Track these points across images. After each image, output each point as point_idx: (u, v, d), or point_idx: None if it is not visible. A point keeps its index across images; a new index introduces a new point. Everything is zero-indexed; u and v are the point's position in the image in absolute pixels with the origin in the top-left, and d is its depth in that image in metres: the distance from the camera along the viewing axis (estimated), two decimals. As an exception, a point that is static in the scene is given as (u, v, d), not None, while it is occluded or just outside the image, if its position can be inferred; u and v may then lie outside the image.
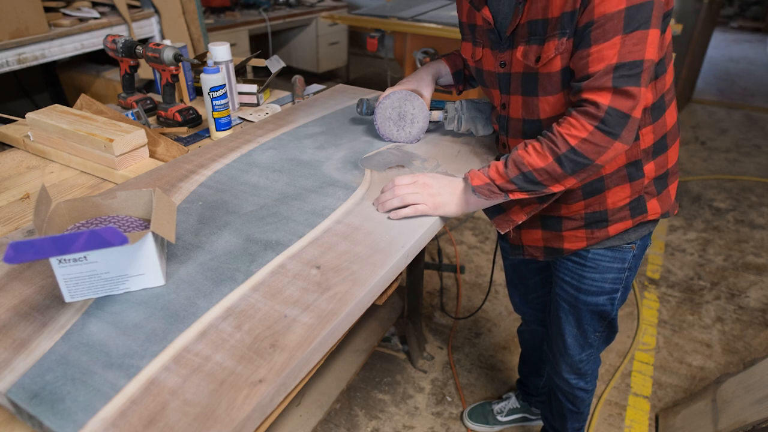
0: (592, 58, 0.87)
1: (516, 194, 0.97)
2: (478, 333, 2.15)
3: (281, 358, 0.68)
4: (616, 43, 0.85)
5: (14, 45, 2.11)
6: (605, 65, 0.85)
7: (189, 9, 2.79)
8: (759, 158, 3.73)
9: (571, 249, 1.12)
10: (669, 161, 1.05)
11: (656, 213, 1.07)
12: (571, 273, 1.16)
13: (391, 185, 1.02)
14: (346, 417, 1.79)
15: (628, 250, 1.11)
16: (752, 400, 1.51)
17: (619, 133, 0.87)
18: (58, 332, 0.72)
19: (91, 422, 0.60)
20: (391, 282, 0.91)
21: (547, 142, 0.92)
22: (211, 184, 1.10)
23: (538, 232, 1.15)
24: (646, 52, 0.85)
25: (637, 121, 0.88)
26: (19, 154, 1.30)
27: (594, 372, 1.36)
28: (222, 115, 1.35)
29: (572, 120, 0.89)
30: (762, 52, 6.68)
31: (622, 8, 0.83)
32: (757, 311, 2.28)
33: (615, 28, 0.84)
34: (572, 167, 0.91)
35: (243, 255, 0.88)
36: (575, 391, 1.37)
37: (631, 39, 0.84)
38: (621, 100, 0.86)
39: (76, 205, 0.86)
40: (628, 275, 1.15)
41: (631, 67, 0.85)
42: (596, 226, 1.08)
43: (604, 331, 1.25)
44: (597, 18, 0.85)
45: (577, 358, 1.29)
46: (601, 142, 0.88)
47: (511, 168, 0.95)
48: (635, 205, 1.06)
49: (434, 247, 2.64)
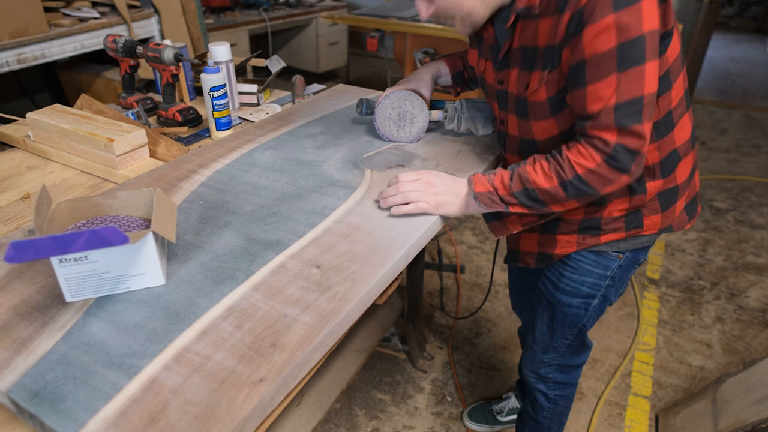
0: (589, 98, 0.85)
1: (516, 208, 0.97)
2: (478, 333, 2.15)
3: (281, 357, 0.69)
4: (611, 83, 0.83)
5: (14, 45, 2.11)
6: (604, 105, 0.84)
7: (189, 9, 2.79)
8: (759, 158, 3.73)
9: (561, 254, 1.11)
10: (679, 177, 1.02)
11: (654, 228, 1.05)
12: (553, 269, 1.16)
13: (395, 181, 1.02)
14: (346, 417, 1.79)
15: (615, 258, 1.08)
16: (752, 400, 1.52)
17: (628, 168, 0.86)
18: (59, 332, 0.72)
19: (91, 421, 0.60)
20: (391, 282, 0.91)
21: (555, 164, 0.91)
22: (212, 184, 1.10)
23: (535, 236, 1.14)
24: (645, 88, 0.82)
25: (644, 156, 0.87)
26: (20, 154, 1.30)
27: (558, 382, 1.32)
28: (222, 115, 1.35)
29: (581, 148, 0.88)
30: (762, 52, 6.68)
31: (613, 46, 0.81)
32: (757, 311, 2.28)
33: (609, 67, 0.83)
34: (575, 193, 0.91)
35: (243, 254, 0.88)
36: (535, 393, 1.35)
37: (626, 77, 0.82)
38: (628, 138, 0.84)
39: (77, 204, 0.86)
40: (609, 285, 1.12)
41: (631, 104, 0.83)
42: (589, 232, 1.06)
43: (574, 340, 1.22)
44: (589, 57, 0.84)
45: (538, 356, 1.28)
46: (609, 174, 0.87)
47: (516, 182, 0.95)
48: (631, 218, 1.04)
49: (434, 247, 2.64)
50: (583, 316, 1.16)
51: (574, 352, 1.25)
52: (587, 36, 0.83)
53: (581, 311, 1.16)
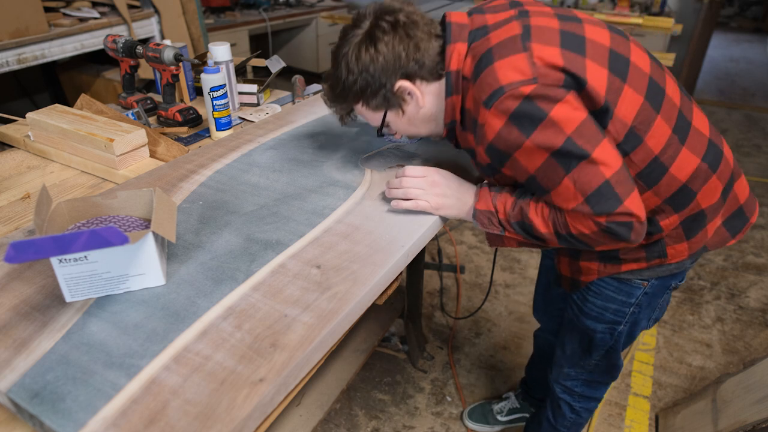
0: (557, 200, 0.86)
1: (512, 234, 0.98)
2: (478, 333, 2.15)
3: (281, 357, 0.69)
4: (568, 185, 0.83)
5: (14, 45, 2.11)
6: (575, 203, 0.84)
7: (189, 9, 2.79)
8: (759, 158, 3.74)
9: (585, 281, 1.10)
10: (703, 202, 0.95)
11: (681, 255, 1.00)
12: (579, 293, 1.14)
13: (402, 174, 1.02)
14: (346, 417, 1.79)
15: (639, 286, 1.05)
16: (752, 400, 1.52)
17: (626, 237, 0.85)
18: (59, 332, 0.72)
19: (91, 421, 0.60)
20: (391, 282, 0.91)
21: (553, 215, 0.90)
22: (212, 184, 1.10)
23: (566, 259, 1.12)
24: (605, 172, 0.81)
25: (644, 223, 0.84)
26: (20, 154, 1.30)
27: (585, 396, 1.31)
28: (222, 115, 1.35)
29: (578, 215, 0.86)
30: (762, 52, 6.68)
31: (547, 156, 0.82)
32: (757, 311, 2.28)
33: (557, 174, 0.83)
34: (571, 245, 0.92)
35: (243, 254, 0.88)
36: (559, 402, 1.35)
37: (578, 174, 0.81)
38: (617, 217, 0.83)
39: (77, 204, 0.86)
40: (635, 312, 1.09)
41: (599, 193, 0.81)
42: (609, 261, 1.04)
43: (601, 360, 1.20)
44: (534, 172, 0.85)
45: (565, 371, 1.28)
46: (605, 240, 0.87)
47: (516, 213, 0.94)
48: (652, 248, 0.99)
49: (434, 247, 2.64)
50: (608, 340, 1.14)
51: (603, 371, 1.24)
52: (520, 159, 0.85)
53: (606, 336, 1.14)
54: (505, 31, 0.85)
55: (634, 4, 3.79)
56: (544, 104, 0.80)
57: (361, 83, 0.92)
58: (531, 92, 0.79)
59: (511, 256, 2.60)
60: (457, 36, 0.90)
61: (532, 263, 2.54)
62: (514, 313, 2.24)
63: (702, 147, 0.92)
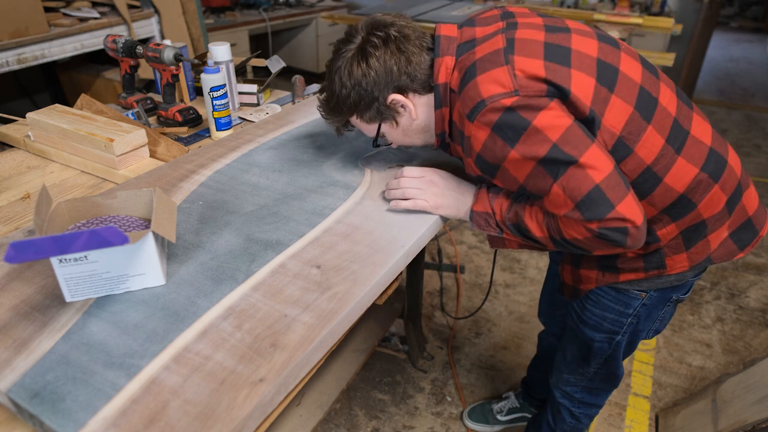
0: (549, 206, 0.86)
1: (509, 236, 0.97)
2: (478, 333, 2.15)
3: (281, 357, 0.69)
4: (557, 191, 0.82)
5: (14, 45, 2.11)
6: (565, 209, 0.83)
7: (189, 9, 2.79)
8: (759, 158, 3.73)
9: (584, 290, 1.10)
10: (705, 212, 0.92)
11: (681, 267, 0.97)
12: (579, 301, 1.14)
13: (400, 174, 1.03)
14: (346, 417, 1.79)
15: (636, 297, 1.04)
16: (752, 400, 1.52)
17: (623, 242, 0.83)
18: (59, 332, 0.72)
19: (91, 421, 0.60)
20: (391, 282, 0.91)
21: (547, 220, 0.89)
22: (212, 184, 1.10)
23: (568, 267, 1.12)
24: (594, 177, 0.79)
25: (641, 227, 0.82)
26: (20, 154, 1.30)
27: (584, 402, 1.30)
28: (222, 115, 1.35)
29: (570, 221, 0.85)
30: (762, 52, 6.68)
31: (534, 164, 0.82)
32: (757, 311, 2.28)
33: (546, 180, 0.82)
34: (565, 249, 0.92)
35: (243, 254, 0.88)
36: (559, 407, 1.35)
37: (567, 180, 0.80)
38: (610, 222, 0.81)
39: (77, 204, 0.86)
40: (633, 323, 1.08)
41: (590, 198, 0.80)
42: (607, 270, 1.03)
43: (600, 369, 1.19)
44: (523, 181, 0.85)
45: (564, 376, 1.28)
46: (599, 246, 0.86)
47: (512, 215, 0.94)
48: (650, 258, 0.98)
49: (434, 247, 2.64)
50: (606, 349, 1.14)
51: (602, 379, 1.23)
52: (509, 168, 0.85)
53: (604, 345, 1.13)
54: (489, 45, 0.86)
55: (634, 4, 3.79)
56: (527, 114, 0.80)
57: (354, 97, 0.93)
58: (512, 104, 0.80)
59: (511, 256, 2.60)
60: (445, 49, 0.91)
61: (532, 263, 2.54)
62: (514, 313, 2.24)
63: (701, 156, 0.90)
